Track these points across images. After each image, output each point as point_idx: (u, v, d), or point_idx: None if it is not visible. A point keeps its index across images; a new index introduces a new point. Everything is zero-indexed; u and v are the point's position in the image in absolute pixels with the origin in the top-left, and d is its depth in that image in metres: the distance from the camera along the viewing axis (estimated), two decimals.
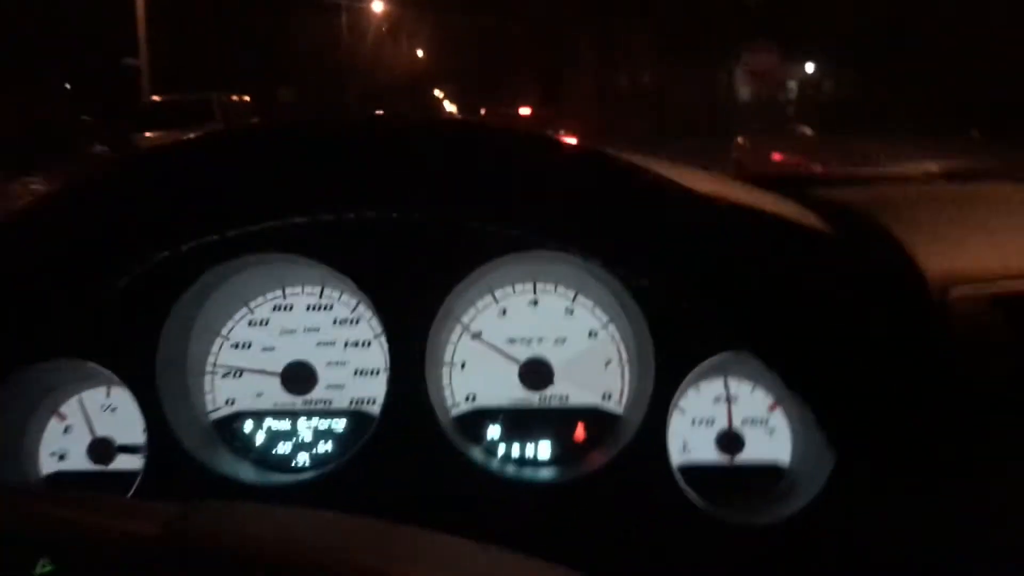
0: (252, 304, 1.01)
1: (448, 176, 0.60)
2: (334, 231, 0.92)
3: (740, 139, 10.55)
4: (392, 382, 0.93)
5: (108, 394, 0.99)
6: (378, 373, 1.01)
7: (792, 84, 27.19)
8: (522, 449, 1.00)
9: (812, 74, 27.12)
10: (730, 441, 0.98)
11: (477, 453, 0.98)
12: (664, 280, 0.58)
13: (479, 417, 1.00)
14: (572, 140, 0.68)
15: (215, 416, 1.01)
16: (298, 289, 1.02)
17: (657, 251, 0.58)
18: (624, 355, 1.00)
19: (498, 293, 1.01)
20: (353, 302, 1.02)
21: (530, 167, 0.60)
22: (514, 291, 1.01)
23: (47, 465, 0.99)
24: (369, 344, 1.01)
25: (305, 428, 1.00)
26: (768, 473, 0.98)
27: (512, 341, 1.01)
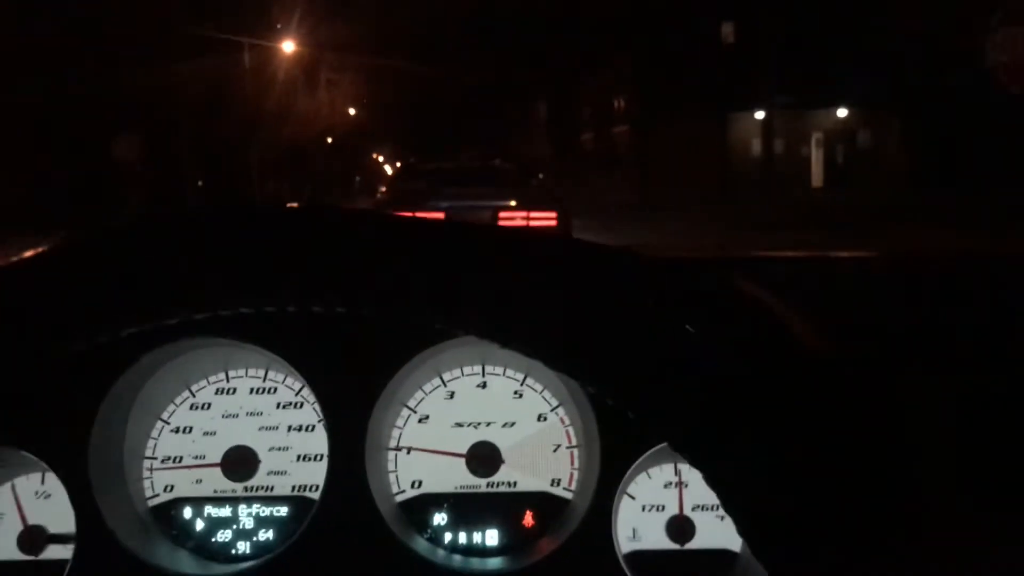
0: (194, 387, 1.12)
1: (388, 272, 0.69)
2: (275, 317, 0.99)
3: None
4: (332, 468, 1.02)
5: (43, 480, 1.07)
6: (321, 458, 1.10)
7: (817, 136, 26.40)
8: (469, 536, 1.10)
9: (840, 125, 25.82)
10: (681, 528, 1.09)
11: (421, 542, 1.07)
12: (592, 381, 0.67)
13: (425, 503, 1.10)
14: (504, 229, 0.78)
15: (152, 503, 1.09)
16: (242, 372, 1.12)
17: (587, 353, 0.67)
18: (574, 439, 1.11)
19: (446, 375, 1.13)
20: (297, 385, 1.12)
21: (461, 262, 0.69)
22: (463, 373, 1.13)
23: None
24: (313, 428, 1.11)
25: (246, 515, 1.09)
26: (719, 559, 1.08)
27: (459, 425, 1.12)
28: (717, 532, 1.10)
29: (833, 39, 21.25)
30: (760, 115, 24.84)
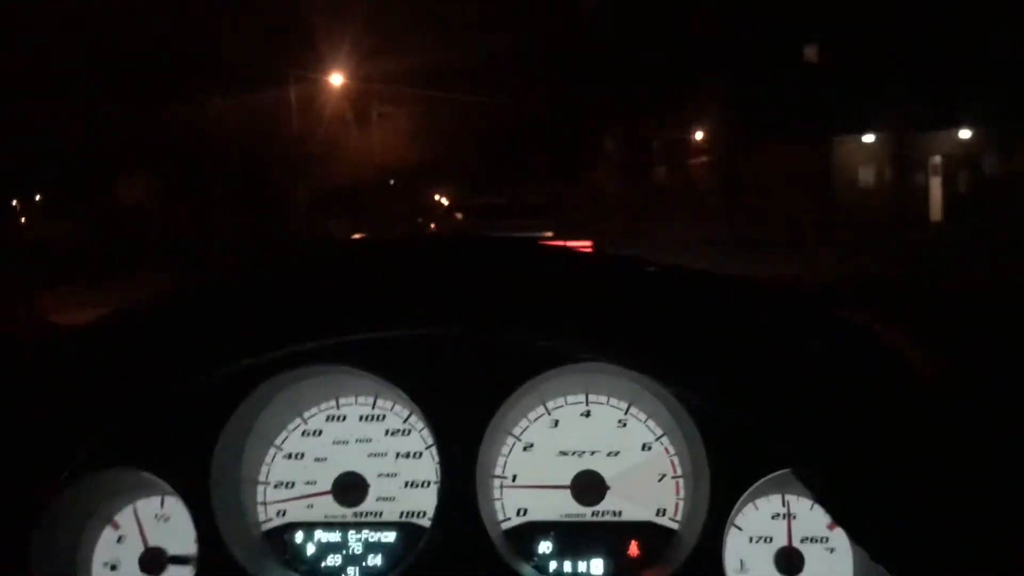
0: (306, 415, 1.24)
1: (509, 294, 0.85)
2: (388, 345, 1.11)
3: None
4: (443, 495, 1.11)
5: (162, 504, 1.20)
6: (428, 485, 1.20)
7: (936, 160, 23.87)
8: (574, 566, 1.18)
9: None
10: (789, 560, 1.15)
11: (528, 570, 1.14)
12: (719, 402, 0.78)
13: (530, 531, 1.19)
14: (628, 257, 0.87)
15: (266, 527, 1.20)
16: (351, 399, 1.24)
17: (718, 374, 0.77)
18: (679, 469, 1.19)
19: (550, 404, 1.21)
20: (405, 412, 1.22)
21: (585, 284, 0.85)
22: (566, 403, 1.22)
23: (99, 574, 1.21)
24: (420, 455, 1.21)
25: (355, 540, 1.20)
26: None
27: (564, 453, 1.21)
28: (826, 565, 1.16)
29: (953, 49, 20.71)
30: (869, 139, 24.42)
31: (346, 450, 1.25)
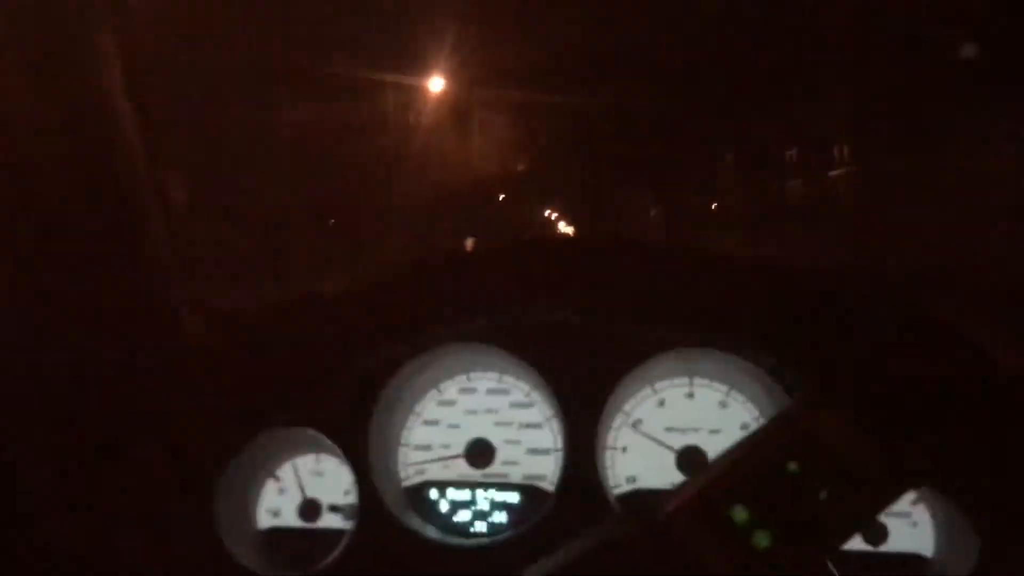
0: (441, 386, 1.42)
1: (643, 291, 1.11)
2: (522, 330, 1.29)
3: None
4: (566, 461, 1.27)
5: (317, 460, 1.41)
6: (548, 452, 1.38)
7: None
8: None
9: None
10: (875, 532, 1.28)
11: None
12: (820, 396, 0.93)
13: (639, 498, 1.34)
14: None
15: (407, 484, 1.39)
16: (480, 374, 1.41)
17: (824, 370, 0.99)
18: None
19: (657, 385, 1.37)
20: (527, 387, 1.39)
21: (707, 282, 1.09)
22: (672, 384, 1.37)
23: (264, 520, 1.41)
24: (541, 426, 1.38)
25: (483, 499, 1.38)
26: (912, 563, 1.27)
27: (669, 430, 1.36)
28: (908, 537, 1.29)
29: None
30: None
31: (476, 419, 1.43)
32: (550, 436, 1.40)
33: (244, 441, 1.29)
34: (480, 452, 1.42)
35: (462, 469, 1.42)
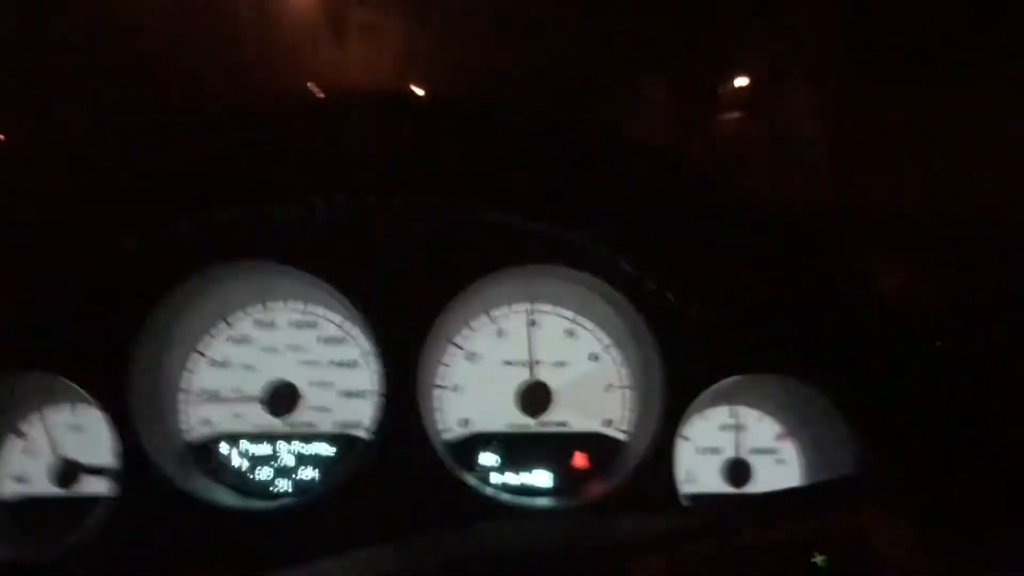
0: (231, 319, 1.17)
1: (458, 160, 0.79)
2: (321, 240, 1.07)
3: None
4: (386, 405, 1.07)
5: (72, 411, 1.14)
6: (366, 395, 1.17)
7: None
8: (519, 477, 1.17)
9: None
10: (738, 470, 1.16)
11: (471, 481, 1.11)
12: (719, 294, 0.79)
13: (473, 443, 1.17)
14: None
15: (189, 437, 1.15)
16: (280, 304, 1.18)
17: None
18: (627, 379, 1.18)
19: (494, 313, 1.18)
20: (338, 319, 1.17)
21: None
22: (511, 311, 1.19)
23: (7, 487, 1.14)
24: (356, 364, 1.17)
25: (287, 452, 1.16)
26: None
27: (509, 363, 1.18)
28: (774, 476, 1.17)
29: None
30: None
31: (276, 358, 1.19)
32: (368, 377, 1.18)
33: None
34: (282, 397, 1.18)
35: (260, 418, 1.18)
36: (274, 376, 1.18)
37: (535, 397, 1.19)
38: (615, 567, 0.64)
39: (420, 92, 0.78)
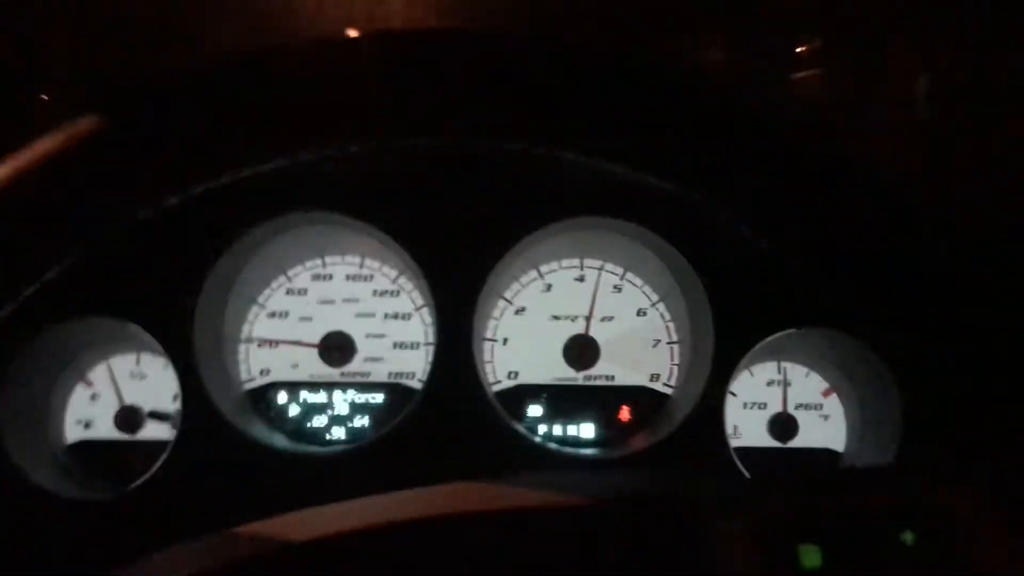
0: (290, 272, 1.21)
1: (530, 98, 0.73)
2: (379, 194, 1.09)
3: None
4: (438, 356, 1.09)
5: (138, 361, 1.19)
6: (418, 347, 1.20)
7: None
8: (564, 429, 1.19)
9: None
10: (783, 426, 1.18)
11: (519, 432, 1.14)
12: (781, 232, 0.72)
13: (521, 395, 1.19)
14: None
15: (249, 386, 1.19)
16: (338, 259, 1.21)
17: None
18: (675, 335, 1.20)
19: (543, 268, 1.21)
20: (394, 273, 1.20)
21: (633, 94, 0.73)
22: (560, 267, 1.21)
23: (72, 432, 1.18)
24: (409, 316, 1.20)
25: (341, 401, 1.19)
26: (821, 458, 1.18)
27: (556, 318, 1.21)
28: (819, 432, 1.18)
29: None
30: None
31: (333, 310, 1.22)
32: (420, 328, 1.21)
33: (28, 335, 1.05)
34: (338, 347, 1.22)
35: (316, 368, 1.22)
36: (330, 327, 1.21)
37: (582, 351, 1.21)
38: (699, 526, 0.64)
39: (479, 27, 0.75)
